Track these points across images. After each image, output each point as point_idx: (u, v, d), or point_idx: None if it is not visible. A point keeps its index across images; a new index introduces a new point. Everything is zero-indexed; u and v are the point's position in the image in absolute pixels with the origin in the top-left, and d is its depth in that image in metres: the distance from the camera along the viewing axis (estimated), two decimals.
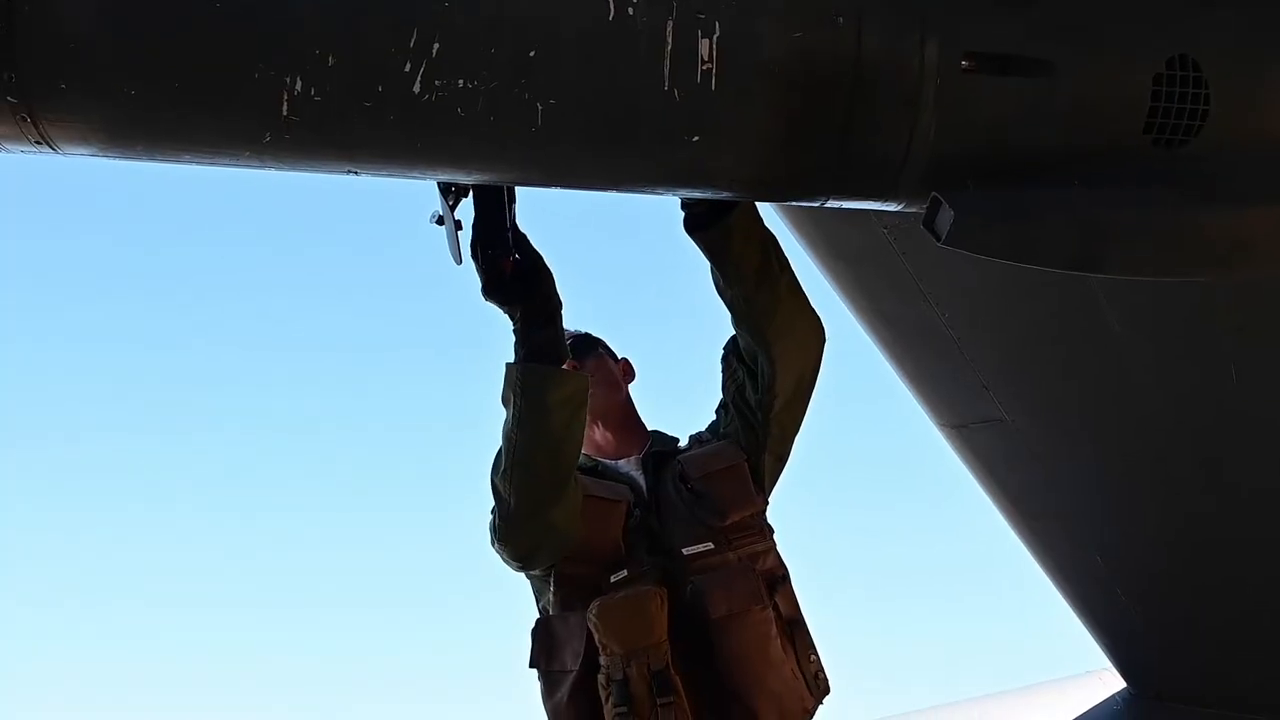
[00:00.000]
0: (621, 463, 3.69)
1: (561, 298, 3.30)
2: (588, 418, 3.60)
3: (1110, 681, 6.86)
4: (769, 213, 3.59)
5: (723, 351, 3.69)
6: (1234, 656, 5.76)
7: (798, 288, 3.54)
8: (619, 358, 3.86)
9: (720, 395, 3.74)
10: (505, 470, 3.28)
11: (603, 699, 3.26)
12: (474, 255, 3.19)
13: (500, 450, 3.30)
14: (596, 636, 3.26)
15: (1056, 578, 6.07)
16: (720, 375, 3.72)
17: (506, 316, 3.28)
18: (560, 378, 3.28)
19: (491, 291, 3.23)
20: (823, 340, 3.59)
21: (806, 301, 3.56)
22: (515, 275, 3.23)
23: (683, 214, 3.42)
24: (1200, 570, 5.44)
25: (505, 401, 3.28)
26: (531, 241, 3.26)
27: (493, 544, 3.40)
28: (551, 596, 3.43)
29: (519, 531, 3.34)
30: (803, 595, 3.50)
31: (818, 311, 3.60)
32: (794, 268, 3.56)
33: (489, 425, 3.36)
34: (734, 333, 3.61)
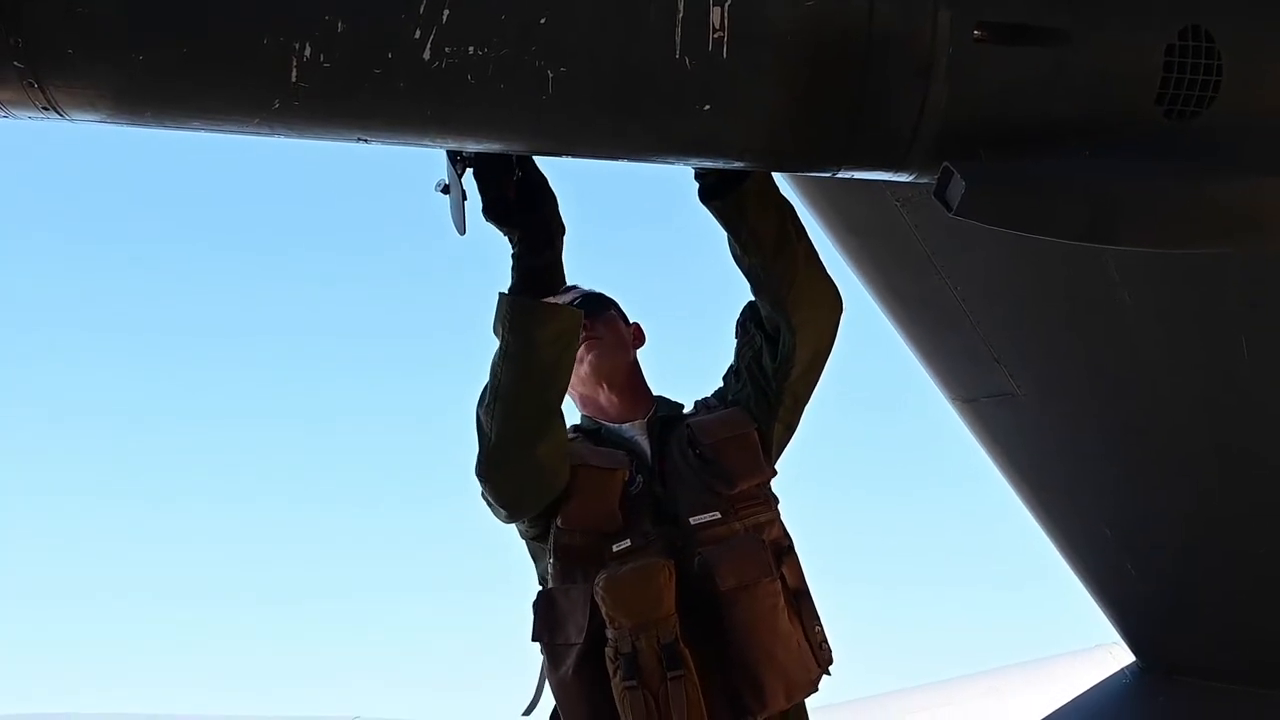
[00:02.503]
0: (625, 427, 3.64)
1: (564, 222, 3.23)
2: (594, 379, 3.60)
3: (1119, 655, 6.86)
4: (779, 185, 3.58)
5: (739, 317, 3.67)
6: (1243, 631, 5.76)
7: (815, 256, 3.52)
8: (630, 321, 3.81)
9: (731, 361, 3.71)
10: (489, 404, 3.25)
11: (611, 672, 3.22)
12: (476, 178, 3.11)
13: (486, 383, 3.27)
14: (604, 609, 3.23)
15: (1066, 551, 6.06)
16: (735, 341, 3.69)
17: (505, 239, 3.21)
18: (550, 313, 3.22)
19: (492, 212, 3.16)
20: (840, 309, 3.58)
21: (823, 269, 3.55)
22: (518, 197, 3.15)
23: (696, 184, 3.41)
24: (1210, 545, 5.43)
25: (495, 333, 3.23)
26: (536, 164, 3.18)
27: (483, 495, 3.37)
28: (550, 566, 3.40)
29: (501, 467, 3.30)
30: (811, 571, 3.49)
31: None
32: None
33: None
34: (751, 299, 3.59)
